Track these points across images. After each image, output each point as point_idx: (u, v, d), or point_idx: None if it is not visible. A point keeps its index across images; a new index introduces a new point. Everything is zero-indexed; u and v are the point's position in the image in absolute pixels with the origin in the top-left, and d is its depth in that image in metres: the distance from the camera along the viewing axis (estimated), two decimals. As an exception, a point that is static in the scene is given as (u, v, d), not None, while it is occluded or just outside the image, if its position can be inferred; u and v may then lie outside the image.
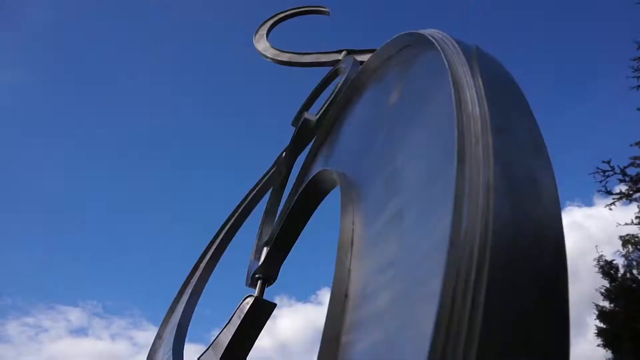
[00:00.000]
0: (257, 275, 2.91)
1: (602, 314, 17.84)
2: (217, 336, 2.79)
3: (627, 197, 18.33)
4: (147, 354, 3.18)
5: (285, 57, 6.49)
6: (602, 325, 17.70)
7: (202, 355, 2.79)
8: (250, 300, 2.75)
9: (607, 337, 17.26)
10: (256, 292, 2.83)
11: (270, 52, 6.60)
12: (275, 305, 2.80)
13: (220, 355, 2.66)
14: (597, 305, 18.24)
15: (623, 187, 18.31)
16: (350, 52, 6.35)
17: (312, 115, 3.47)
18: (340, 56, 6.11)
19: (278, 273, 2.98)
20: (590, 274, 19.31)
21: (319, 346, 1.24)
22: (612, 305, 17.90)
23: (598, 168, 18.17)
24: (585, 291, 19.78)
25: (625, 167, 18.01)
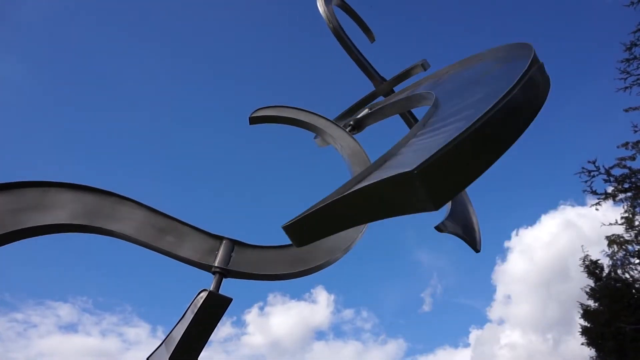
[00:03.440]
0: (213, 270, 2.82)
1: (586, 313, 17.99)
2: (170, 332, 2.70)
3: (612, 198, 18.49)
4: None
5: (347, 42, 6.93)
6: (586, 324, 17.86)
7: (153, 352, 2.69)
8: (204, 295, 2.66)
9: (591, 335, 17.41)
10: (212, 286, 2.73)
11: (339, 30, 6.98)
12: (230, 300, 2.71)
13: (172, 351, 2.57)
14: (581, 304, 18.40)
15: (612, 188, 18.47)
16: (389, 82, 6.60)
17: None
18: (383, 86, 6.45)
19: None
20: (579, 273, 19.49)
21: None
22: (596, 304, 18.06)
23: (583, 168, 18.32)
24: (574, 290, 19.93)
25: (610, 168, 18.17)
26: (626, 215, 18.29)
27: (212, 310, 2.65)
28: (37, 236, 2.70)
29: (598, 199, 18.41)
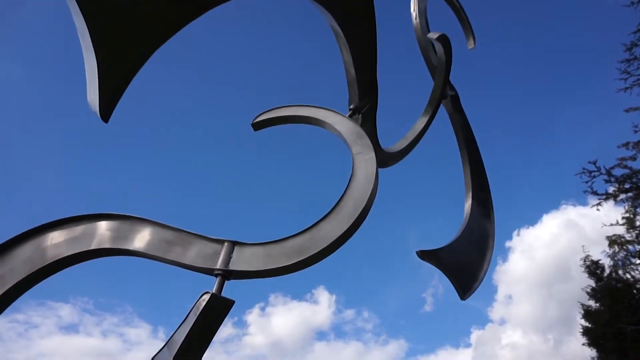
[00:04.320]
0: (215, 272, 2.83)
1: (587, 313, 17.98)
2: (173, 334, 2.71)
3: (613, 198, 18.46)
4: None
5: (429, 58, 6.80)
6: (587, 324, 17.84)
7: (156, 354, 2.70)
8: (206, 297, 2.67)
9: (592, 336, 17.40)
10: (214, 289, 2.75)
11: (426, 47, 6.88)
12: (233, 302, 2.72)
13: (174, 354, 2.58)
14: (582, 305, 18.39)
15: (613, 188, 18.41)
16: None
17: None
18: None
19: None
20: (580, 273, 19.44)
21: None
22: (597, 304, 18.05)
23: (584, 169, 18.31)
24: (575, 290, 19.88)
25: (611, 168, 18.15)
26: (627, 215, 18.27)
27: (215, 313, 2.66)
28: (73, 265, 3.04)
29: (599, 199, 18.41)
